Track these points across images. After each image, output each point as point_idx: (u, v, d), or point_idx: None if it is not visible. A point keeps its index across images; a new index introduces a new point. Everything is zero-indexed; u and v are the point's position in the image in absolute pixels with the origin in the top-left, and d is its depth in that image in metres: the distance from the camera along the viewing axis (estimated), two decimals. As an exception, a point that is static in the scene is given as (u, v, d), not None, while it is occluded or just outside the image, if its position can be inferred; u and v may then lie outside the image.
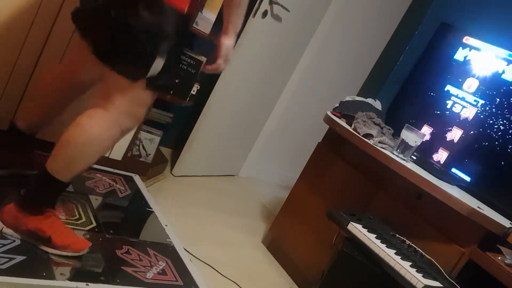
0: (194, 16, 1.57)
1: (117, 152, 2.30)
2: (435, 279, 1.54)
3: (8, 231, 1.47)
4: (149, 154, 2.47)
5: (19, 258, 1.41)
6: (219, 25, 2.53)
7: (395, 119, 2.39)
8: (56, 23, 1.90)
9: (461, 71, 2.26)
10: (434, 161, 2.22)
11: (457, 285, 1.55)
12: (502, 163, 1.99)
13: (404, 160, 1.94)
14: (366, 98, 2.53)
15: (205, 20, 2.33)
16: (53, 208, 1.53)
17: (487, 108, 2.11)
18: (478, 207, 1.70)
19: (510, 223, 1.68)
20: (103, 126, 1.44)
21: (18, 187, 1.65)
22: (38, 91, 1.74)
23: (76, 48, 1.67)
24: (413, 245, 1.73)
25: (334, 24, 3.15)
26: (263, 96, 3.12)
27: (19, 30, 1.85)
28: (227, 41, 1.50)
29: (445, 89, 2.30)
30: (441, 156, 2.21)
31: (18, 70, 1.91)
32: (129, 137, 2.29)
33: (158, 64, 1.41)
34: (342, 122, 2.26)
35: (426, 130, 2.26)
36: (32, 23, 1.85)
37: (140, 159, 2.45)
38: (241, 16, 1.51)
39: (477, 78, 2.20)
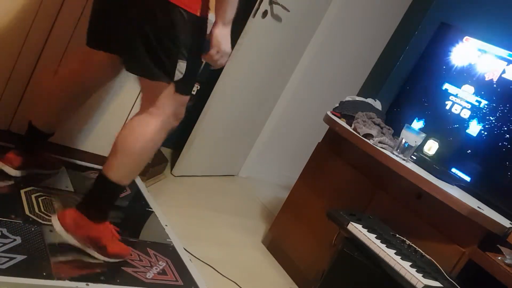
0: (207, 17, 1.56)
1: (117, 152, 2.30)
2: (435, 279, 1.54)
3: (66, 236, 1.53)
4: (149, 154, 2.47)
5: (19, 258, 1.41)
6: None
7: (395, 119, 2.39)
8: (56, 24, 1.90)
9: (461, 71, 2.26)
10: (434, 159, 2.22)
11: (457, 285, 1.55)
12: (502, 163, 1.99)
13: (404, 160, 1.94)
14: (366, 98, 2.53)
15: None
16: (108, 220, 1.62)
17: (487, 108, 2.11)
18: (478, 207, 1.70)
19: (510, 223, 1.68)
20: (155, 130, 1.54)
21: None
22: (47, 95, 1.78)
23: (82, 53, 1.71)
24: (413, 245, 1.73)
25: (334, 24, 3.15)
26: (263, 96, 3.12)
27: (19, 30, 1.85)
28: (216, 30, 1.50)
29: (445, 88, 2.30)
30: (442, 153, 2.21)
31: (18, 70, 1.91)
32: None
33: (181, 67, 1.49)
34: (342, 122, 2.26)
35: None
36: (32, 24, 1.85)
37: (140, 159, 2.45)
38: (230, 5, 1.50)
39: (477, 78, 2.20)
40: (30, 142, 1.82)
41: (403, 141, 1.97)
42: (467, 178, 2.08)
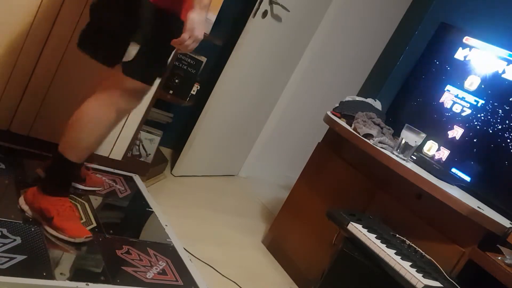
0: (179, 13, 1.58)
1: (117, 152, 2.30)
2: (435, 279, 1.54)
3: (25, 207, 1.65)
4: (149, 154, 2.47)
5: (19, 258, 1.41)
6: (219, 25, 2.55)
7: (395, 119, 2.39)
8: (56, 24, 1.90)
9: (461, 71, 2.26)
10: (434, 159, 2.22)
11: (457, 285, 1.55)
12: (502, 163, 1.99)
13: (404, 160, 1.94)
14: (366, 98, 2.53)
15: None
16: (67, 196, 1.70)
17: (487, 108, 2.11)
18: (478, 207, 1.70)
19: (510, 223, 1.68)
20: (97, 105, 1.62)
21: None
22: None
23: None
24: (413, 245, 1.73)
25: (334, 24, 3.15)
26: (263, 96, 3.12)
27: (19, 30, 1.85)
28: (192, 15, 1.49)
29: (445, 89, 2.30)
30: (442, 154, 2.20)
31: (18, 70, 1.91)
32: (129, 137, 2.30)
33: (131, 51, 1.54)
34: (342, 122, 2.26)
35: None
36: (32, 24, 1.85)
37: (140, 159, 2.45)
38: None
39: (477, 78, 2.20)
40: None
41: (403, 141, 1.97)
42: (467, 178, 2.08)
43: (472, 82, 2.21)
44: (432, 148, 2.25)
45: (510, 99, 2.04)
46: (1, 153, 1.92)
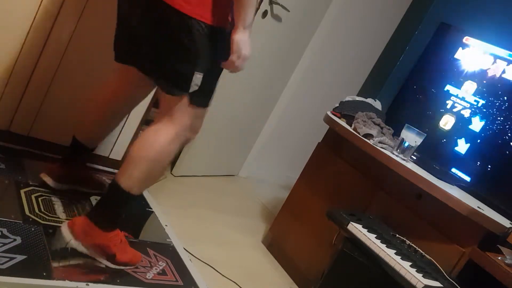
0: (227, 26, 1.54)
1: (117, 152, 2.30)
2: (435, 279, 1.54)
3: (74, 243, 1.52)
4: (149, 154, 2.47)
5: (19, 258, 1.41)
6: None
7: (395, 119, 2.39)
8: (56, 23, 1.90)
9: (461, 71, 2.26)
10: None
11: (457, 285, 1.55)
12: (502, 163, 1.99)
13: (404, 160, 1.94)
14: (366, 98, 2.53)
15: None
16: (118, 228, 1.62)
17: (488, 107, 2.11)
18: (478, 207, 1.70)
19: (510, 223, 1.68)
20: (167, 140, 1.54)
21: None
22: (93, 111, 1.83)
23: (118, 70, 1.75)
24: (413, 245, 1.73)
25: (334, 24, 3.15)
26: (263, 96, 3.12)
27: (19, 30, 1.85)
28: (236, 36, 1.48)
29: (445, 89, 2.30)
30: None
31: (18, 70, 1.91)
32: (129, 137, 2.30)
33: (197, 80, 1.48)
34: (342, 122, 2.26)
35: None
36: (32, 24, 1.85)
37: (140, 159, 2.44)
38: (248, 9, 1.47)
39: (477, 78, 2.20)
40: (73, 155, 1.87)
41: (403, 141, 1.97)
42: (467, 178, 2.08)
43: (472, 82, 2.21)
44: (448, 123, 2.23)
45: (510, 99, 2.04)
46: (1, 153, 1.92)
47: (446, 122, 2.24)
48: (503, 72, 2.11)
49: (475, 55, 2.24)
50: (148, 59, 1.53)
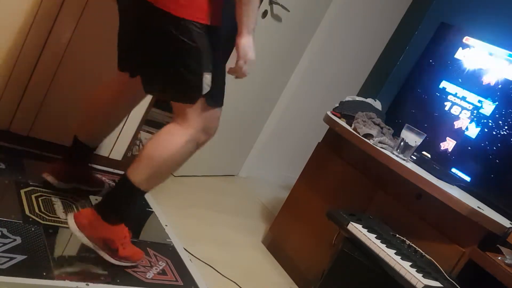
0: (220, 24, 1.54)
1: (117, 152, 2.30)
2: (435, 279, 1.54)
3: (79, 234, 1.53)
4: (149, 154, 2.47)
5: (19, 258, 1.41)
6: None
7: (395, 119, 2.39)
8: (55, 24, 1.90)
9: (461, 71, 2.26)
10: (441, 149, 2.21)
11: (457, 285, 1.55)
12: (502, 163, 1.99)
13: (404, 160, 1.94)
14: (366, 98, 2.53)
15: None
16: (123, 223, 1.61)
17: (487, 107, 2.11)
18: (478, 207, 1.70)
19: (510, 223, 1.68)
20: (182, 141, 1.55)
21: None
22: (93, 112, 1.84)
23: (119, 74, 1.74)
24: (413, 245, 1.73)
25: (334, 24, 3.15)
26: (263, 96, 3.12)
27: (19, 30, 1.85)
28: (241, 41, 1.50)
29: (445, 89, 2.30)
30: (448, 144, 2.19)
31: (18, 70, 1.91)
32: (129, 137, 2.30)
33: (207, 80, 1.49)
34: (342, 122, 2.26)
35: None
36: (32, 24, 1.85)
37: (140, 159, 2.44)
38: (251, 13, 1.49)
39: (477, 78, 2.20)
40: (75, 154, 1.87)
41: (403, 141, 1.97)
42: (467, 178, 2.08)
43: (472, 82, 2.21)
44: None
45: (510, 99, 2.04)
46: (1, 153, 1.92)
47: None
48: (503, 72, 2.11)
49: (475, 55, 2.24)
50: (151, 71, 1.53)
